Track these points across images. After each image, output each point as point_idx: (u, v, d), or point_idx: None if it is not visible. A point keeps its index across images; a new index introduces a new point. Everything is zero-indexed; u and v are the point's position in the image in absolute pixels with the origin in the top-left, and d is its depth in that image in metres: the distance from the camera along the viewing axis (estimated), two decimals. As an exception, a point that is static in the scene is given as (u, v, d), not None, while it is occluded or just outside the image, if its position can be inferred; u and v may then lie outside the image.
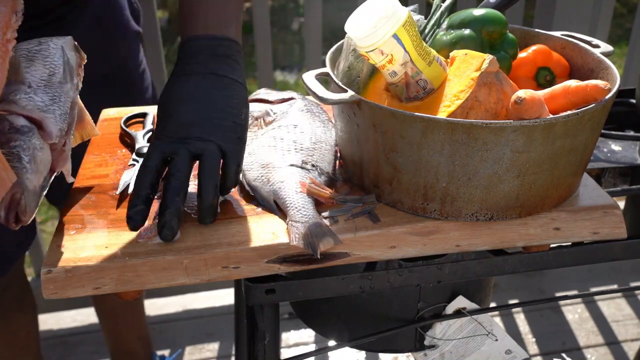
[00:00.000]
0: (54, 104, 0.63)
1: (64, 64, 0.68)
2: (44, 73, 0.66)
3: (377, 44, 0.67)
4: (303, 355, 0.79)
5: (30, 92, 0.63)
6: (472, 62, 0.68)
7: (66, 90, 0.66)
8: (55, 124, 0.61)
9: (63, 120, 0.63)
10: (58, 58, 0.68)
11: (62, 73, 0.67)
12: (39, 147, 0.59)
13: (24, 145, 0.58)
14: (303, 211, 0.69)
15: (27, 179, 0.57)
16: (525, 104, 0.63)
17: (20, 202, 0.57)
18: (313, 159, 0.78)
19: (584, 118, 0.65)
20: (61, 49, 0.69)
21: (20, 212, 0.57)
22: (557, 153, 0.66)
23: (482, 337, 0.83)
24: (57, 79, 0.66)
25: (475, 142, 0.63)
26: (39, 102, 0.62)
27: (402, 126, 0.65)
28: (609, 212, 0.72)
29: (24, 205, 0.57)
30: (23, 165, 0.57)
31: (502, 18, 0.76)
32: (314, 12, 1.70)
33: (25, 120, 0.60)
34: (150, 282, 0.65)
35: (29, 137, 0.59)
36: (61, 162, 0.62)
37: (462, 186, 0.67)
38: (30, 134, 0.59)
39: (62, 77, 0.66)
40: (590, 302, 1.89)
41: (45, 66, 0.67)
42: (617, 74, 0.72)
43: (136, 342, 1.55)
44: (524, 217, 0.70)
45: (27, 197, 0.57)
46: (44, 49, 0.68)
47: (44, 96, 0.63)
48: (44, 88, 0.64)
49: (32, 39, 0.83)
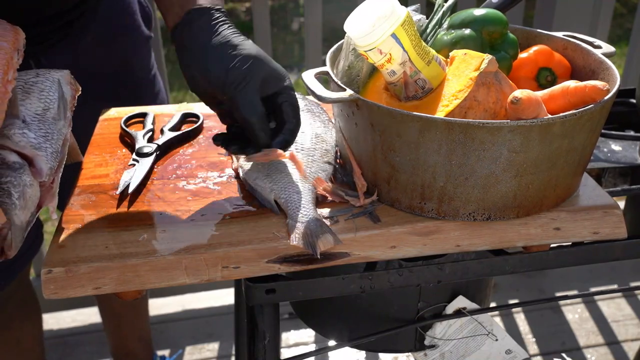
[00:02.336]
0: (47, 142, 0.63)
1: (59, 99, 0.68)
2: (39, 107, 0.66)
3: (376, 43, 0.67)
4: (303, 355, 0.79)
5: (24, 127, 0.63)
6: (471, 62, 0.68)
7: (59, 128, 0.66)
8: (47, 163, 0.62)
9: (54, 159, 0.63)
10: (54, 92, 0.68)
11: (56, 109, 0.67)
12: (28, 184, 0.59)
13: (14, 182, 0.58)
14: (303, 210, 0.69)
15: (15, 214, 0.57)
16: (522, 104, 0.63)
17: (7, 237, 0.57)
18: (314, 159, 0.78)
19: (582, 119, 0.64)
20: (57, 82, 0.70)
21: (6, 246, 0.57)
22: (555, 153, 0.66)
23: (482, 337, 0.83)
24: (51, 115, 0.66)
25: (472, 142, 0.63)
26: (32, 139, 0.62)
27: (399, 125, 0.65)
28: (609, 212, 0.72)
29: (10, 240, 0.57)
30: (12, 202, 0.57)
31: (502, 18, 0.76)
32: (314, 12, 1.70)
33: (17, 156, 0.60)
34: (150, 282, 0.65)
35: (20, 174, 0.59)
36: (48, 199, 0.62)
37: (459, 186, 0.67)
38: (21, 170, 0.59)
39: (56, 112, 0.67)
40: (590, 302, 1.89)
41: (40, 100, 0.67)
42: (617, 75, 0.72)
43: (138, 343, 1.55)
44: (523, 217, 0.70)
45: (13, 232, 0.57)
46: (40, 82, 0.69)
47: (37, 133, 0.63)
48: (37, 123, 0.64)
49: (41, 44, 0.82)
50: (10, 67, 0.63)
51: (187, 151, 0.87)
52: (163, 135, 0.88)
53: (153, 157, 0.82)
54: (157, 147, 0.84)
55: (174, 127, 0.91)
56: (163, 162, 0.84)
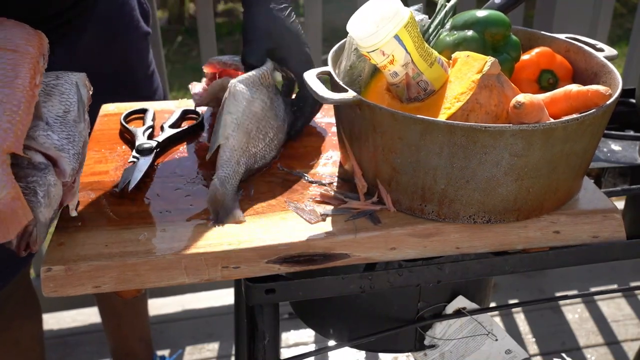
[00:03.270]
0: (69, 144, 0.67)
1: (78, 102, 0.72)
2: (60, 109, 0.69)
3: (379, 45, 0.67)
4: (303, 355, 0.79)
5: (48, 129, 0.66)
6: (473, 64, 0.68)
7: (80, 130, 0.69)
8: (69, 163, 0.65)
9: (76, 160, 0.66)
10: (73, 95, 0.72)
11: (76, 111, 0.70)
12: (53, 184, 0.62)
13: (40, 181, 0.61)
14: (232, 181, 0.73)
15: (40, 212, 0.60)
16: (525, 109, 0.63)
17: (32, 234, 0.60)
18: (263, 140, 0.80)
19: (584, 123, 0.64)
20: (75, 85, 0.73)
21: (32, 242, 0.60)
22: (556, 158, 0.66)
23: (482, 337, 0.83)
24: (72, 117, 0.69)
25: (474, 146, 0.63)
26: (55, 140, 0.66)
27: (401, 128, 0.65)
28: (609, 216, 0.72)
29: (35, 236, 0.60)
30: (38, 200, 0.60)
31: (505, 20, 0.76)
32: (314, 12, 1.70)
33: (42, 157, 0.63)
34: (150, 281, 0.65)
35: (45, 174, 0.62)
36: (69, 197, 0.65)
37: (460, 189, 0.67)
38: (46, 170, 0.62)
39: (76, 115, 0.70)
40: (590, 302, 1.89)
41: (61, 102, 0.70)
42: (619, 79, 0.72)
43: (138, 343, 1.55)
44: (523, 220, 0.71)
45: (38, 229, 0.60)
46: (60, 85, 0.72)
47: (60, 135, 0.67)
48: (59, 125, 0.68)
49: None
50: (37, 72, 0.66)
51: (187, 149, 0.86)
52: (163, 132, 0.88)
53: (153, 155, 0.82)
54: (157, 144, 0.84)
55: (174, 124, 0.90)
56: (163, 159, 0.84)
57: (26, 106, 0.62)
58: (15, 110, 0.61)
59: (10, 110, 0.61)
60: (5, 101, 0.61)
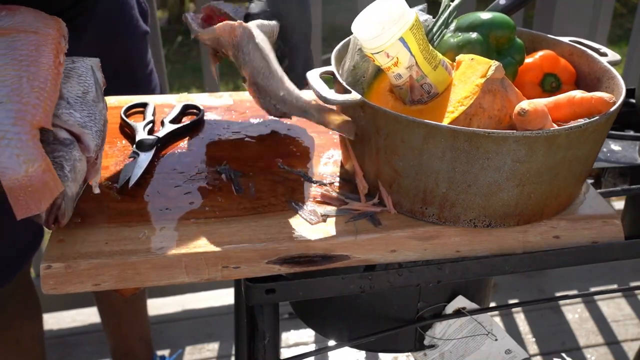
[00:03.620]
0: (91, 121, 0.69)
1: (95, 84, 0.74)
2: (79, 90, 0.72)
3: (383, 47, 0.67)
4: (303, 355, 0.79)
5: (70, 107, 0.68)
6: (477, 68, 0.68)
7: (100, 109, 0.72)
8: (93, 140, 0.67)
9: (98, 137, 0.69)
10: (90, 77, 0.74)
11: (94, 92, 0.73)
12: (78, 159, 0.65)
13: (66, 156, 0.63)
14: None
15: (68, 186, 0.62)
16: (529, 116, 0.63)
17: (61, 207, 0.62)
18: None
19: (587, 130, 0.64)
20: (91, 69, 0.75)
21: (60, 215, 0.62)
22: (558, 164, 0.66)
23: (482, 337, 0.83)
24: (91, 97, 0.72)
25: (477, 151, 0.63)
26: (78, 118, 0.68)
27: (404, 131, 0.65)
28: (609, 221, 0.73)
29: (64, 209, 0.62)
30: (65, 174, 0.62)
31: (510, 23, 0.76)
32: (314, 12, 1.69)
33: (67, 133, 0.65)
34: (150, 280, 0.65)
35: (70, 149, 0.64)
36: (93, 174, 0.67)
37: (461, 193, 0.67)
38: (71, 146, 0.65)
39: (95, 95, 0.72)
40: (590, 302, 1.89)
41: (79, 84, 0.73)
42: (622, 84, 0.72)
43: (138, 343, 1.54)
44: (523, 225, 0.71)
45: (66, 203, 0.63)
46: (77, 67, 0.75)
47: (82, 113, 0.69)
48: (80, 105, 0.70)
49: None
50: (60, 51, 0.69)
51: (187, 144, 0.86)
52: (164, 127, 0.87)
53: (153, 151, 0.81)
54: (158, 139, 0.83)
55: (174, 119, 0.90)
56: (163, 155, 0.83)
57: (52, 83, 0.65)
58: (43, 87, 0.63)
59: (37, 87, 0.63)
60: (32, 78, 0.63)
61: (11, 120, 0.60)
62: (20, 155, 0.58)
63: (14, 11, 0.73)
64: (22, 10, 0.74)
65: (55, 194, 0.59)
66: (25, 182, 0.58)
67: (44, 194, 0.58)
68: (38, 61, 0.66)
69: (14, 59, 0.65)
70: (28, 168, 0.58)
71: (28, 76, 0.63)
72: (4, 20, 0.71)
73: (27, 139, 0.59)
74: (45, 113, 0.62)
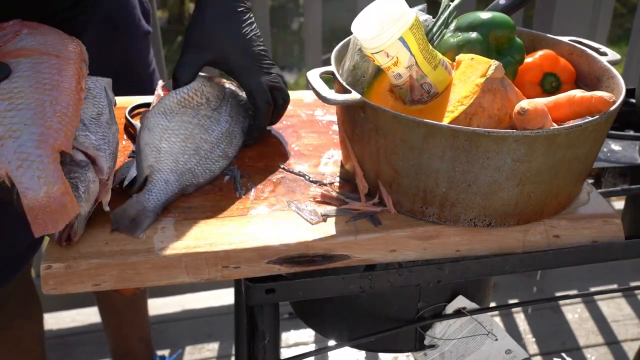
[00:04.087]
0: (105, 144, 0.71)
1: (109, 105, 0.76)
2: (94, 112, 0.74)
3: (383, 47, 0.67)
4: (303, 355, 0.79)
5: (85, 130, 0.71)
6: (477, 68, 0.68)
7: (113, 132, 0.74)
8: (106, 162, 0.69)
9: (111, 159, 0.71)
10: (103, 99, 0.76)
11: (108, 114, 0.75)
12: (92, 180, 0.66)
13: (81, 177, 0.65)
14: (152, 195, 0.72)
15: (81, 206, 0.64)
16: (529, 115, 0.63)
17: (74, 226, 0.64)
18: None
19: (587, 130, 0.64)
20: (104, 90, 0.77)
21: (72, 234, 0.64)
22: (558, 163, 0.66)
23: (482, 337, 0.83)
24: (105, 119, 0.74)
25: (477, 150, 0.63)
26: (93, 140, 0.70)
27: (404, 130, 0.65)
28: (609, 221, 0.73)
29: (76, 228, 0.64)
30: (79, 195, 0.64)
31: (510, 22, 0.76)
32: (314, 12, 1.70)
33: (82, 155, 0.67)
34: (150, 280, 0.65)
35: (86, 171, 0.66)
36: (103, 194, 0.69)
37: (461, 192, 0.67)
38: (87, 168, 0.66)
39: (108, 117, 0.74)
40: (590, 302, 1.89)
41: (94, 105, 0.75)
42: (622, 84, 0.72)
43: (138, 343, 1.54)
44: (523, 224, 0.71)
45: (79, 222, 0.64)
46: (92, 89, 0.76)
47: (97, 135, 0.71)
48: (95, 127, 0.72)
49: None
50: (82, 76, 0.72)
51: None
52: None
53: None
54: None
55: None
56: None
57: (74, 108, 0.67)
58: (65, 112, 0.65)
59: (60, 112, 0.65)
60: (55, 103, 0.65)
61: (35, 143, 0.62)
62: (41, 177, 0.60)
63: (35, 29, 0.75)
64: (43, 30, 0.75)
65: (72, 215, 0.61)
66: (44, 202, 0.60)
67: (61, 215, 0.60)
68: (60, 85, 0.67)
69: (38, 81, 0.67)
70: (48, 190, 0.60)
71: (51, 100, 0.65)
72: (26, 40, 0.73)
73: (49, 161, 0.61)
74: (66, 137, 0.64)
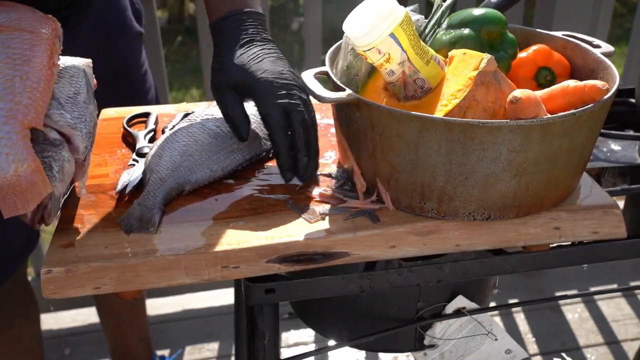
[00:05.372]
0: (81, 123, 0.69)
1: (87, 85, 0.73)
2: (70, 91, 0.71)
3: (374, 43, 0.67)
4: (303, 355, 0.79)
5: (61, 108, 0.68)
6: (470, 62, 0.68)
7: (90, 111, 0.71)
8: (82, 141, 0.67)
9: (87, 138, 0.69)
10: (81, 78, 0.74)
11: (85, 93, 0.72)
12: (67, 159, 0.65)
13: (55, 157, 0.63)
14: (149, 193, 0.72)
15: (55, 186, 0.62)
16: (521, 104, 0.63)
17: (47, 207, 0.62)
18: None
19: (581, 118, 0.64)
20: (83, 71, 0.75)
21: (46, 215, 0.62)
22: (554, 153, 0.66)
23: (482, 337, 0.83)
24: (82, 99, 0.71)
25: (472, 142, 0.63)
26: (68, 119, 0.68)
27: (399, 125, 0.65)
28: (609, 211, 0.72)
29: (50, 209, 0.62)
30: (53, 174, 0.62)
31: (501, 18, 0.76)
32: (313, 12, 1.70)
33: (56, 133, 0.65)
34: (150, 282, 0.65)
35: (60, 150, 0.64)
36: (80, 175, 0.68)
37: (459, 185, 0.67)
38: (61, 146, 0.64)
39: (86, 97, 0.73)
40: (590, 302, 1.89)
41: (71, 84, 0.72)
42: (617, 74, 0.72)
43: (137, 343, 1.54)
44: (522, 217, 0.70)
45: (53, 203, 0.62)
46: (69, 68, 0.74)
47: (72, 114, 0.69)
48: (71, 106, 0.69)
49: None
50: (55, 52, 0.69)
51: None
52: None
53: None
54: None
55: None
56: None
57: (45, 84, 0.65)
58: (36, 87, 0.63)
59: (30, 87, 0.63)
60: (25, 78, 0.63)
61: (2, 119, 0.59)
62: (9, 154, 0.58)
63: (9, 8, 0.73)
64: (19, 7, 0.73)
65: (43, 194, 0.59)
66: (13, 181, 0.58)
67: (32, 194, 0.58)
68: (32, 61, 0.65)
69: (7, 57, 0.65)
70: (17, 168, 0.58)
71: (21, 75, 0.63)
72: (0, 17, 0.70)
73: (18, 138, 0.59)
74: (36, 113, 0.62)
